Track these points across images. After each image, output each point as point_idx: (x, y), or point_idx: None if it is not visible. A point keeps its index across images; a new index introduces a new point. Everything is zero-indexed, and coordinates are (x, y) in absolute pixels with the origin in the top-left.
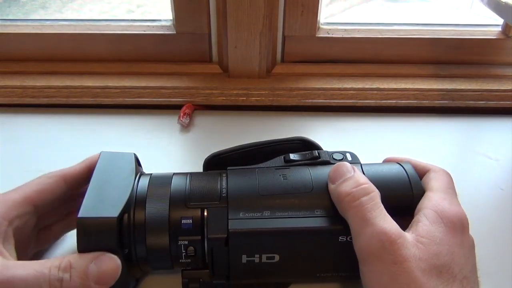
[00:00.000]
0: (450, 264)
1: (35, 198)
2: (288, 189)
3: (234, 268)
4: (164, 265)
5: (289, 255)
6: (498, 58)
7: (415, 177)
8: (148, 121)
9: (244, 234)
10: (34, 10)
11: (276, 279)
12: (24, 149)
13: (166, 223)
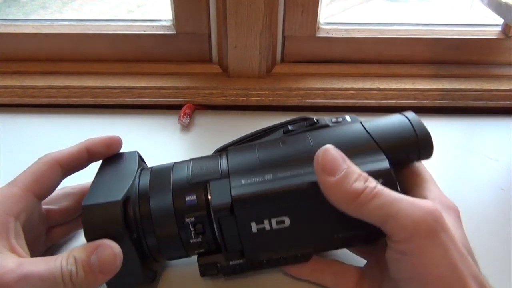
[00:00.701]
0: (466, 246)
1: (35, 188)
2: (287, 152)
3: (246, 240)
4: (177, 252)
5: (299, 216)
6: (498, 58)
7: (418, 121)
8: (148, 121)
9: (248, 198)
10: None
11: (292, 249)
12: (24, 149)
13: (171, 205)
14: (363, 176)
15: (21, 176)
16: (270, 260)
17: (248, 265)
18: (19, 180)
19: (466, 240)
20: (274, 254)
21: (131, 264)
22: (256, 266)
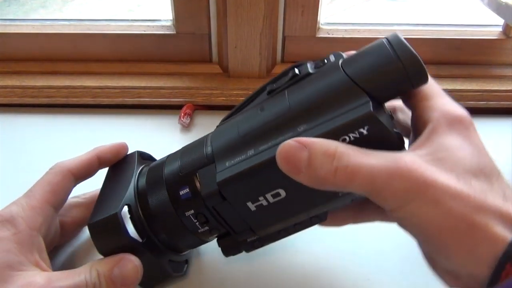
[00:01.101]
0: (479, 164)
1: (52, 199)
2: (266, 119)
3: (248, 219)
4: (192, 241)
5: (293, 184)
6: (499, 59)
7: (400, 44)
8: (148, 121)
9: (234, 181)
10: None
11: (302, 215)
12: (24, 149)
13: (168, 201)
14: (329, 153)
15: (37, 187)
16: (285, 229)
17: (266, 238)
18: (36, 192)
19: (477, 158)
20: (285, 223)
21: (152, 266)
22: (274, 238)
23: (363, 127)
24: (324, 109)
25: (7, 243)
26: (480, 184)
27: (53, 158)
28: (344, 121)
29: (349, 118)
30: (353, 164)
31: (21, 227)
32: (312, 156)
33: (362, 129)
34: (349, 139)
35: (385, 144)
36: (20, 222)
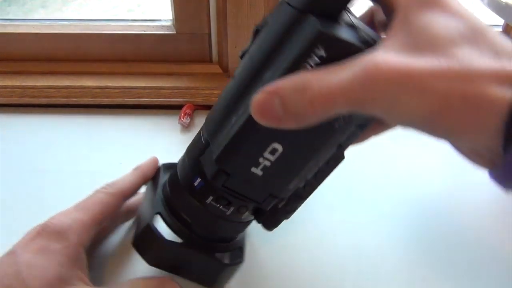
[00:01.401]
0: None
1: (101, 219)
2: (237, 83)
3: (263, 185)
4: (228, 227)
5: (284, 134)
6: None
7: None
8: (148, 121)
9: (226, 152)
10: (34, 9)
11: (312, 160)
12: (24, 149)
13: (191, 199)
14: (298, 88)
15: (89, 203)
16: (307, 182)
17: (294, 198)
18: (88, 209)
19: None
20: (300, 176)
21: (201, 262)
22: (301, 195)
23: (318, 48)
24: (280, 48)
25: (59, 256)
26: (463, 51)
27: (53, 158)
28: (299, 49)
29: (302, 45)
30: (325, 88)
31: (71, 241)
32: (284, 99)
33: (318, 50)
34: (310, 66)
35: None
36: (71, 236)
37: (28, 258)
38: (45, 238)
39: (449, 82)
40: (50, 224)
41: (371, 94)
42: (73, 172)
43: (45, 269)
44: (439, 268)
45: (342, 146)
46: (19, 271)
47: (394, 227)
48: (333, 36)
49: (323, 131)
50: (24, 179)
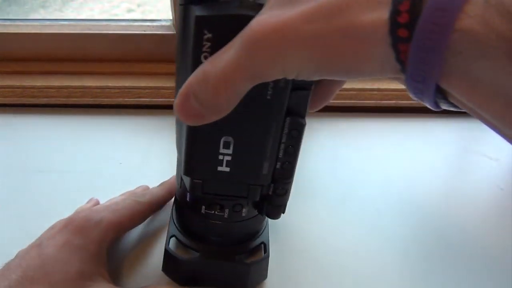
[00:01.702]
0: None
1: (127, 225)
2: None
3: (238, 179)
4: (236, 229)
5: (230, 124)
6: None
7: None
8: (148, 121)
9: (187, 162)
10: (34, 9)
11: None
12: (24, 149)
13: (191, 214)
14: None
15: (120, 206)
16: (283, 162)
17: (278, 182)
18: (118, 211)
19: None
20: (270, 159)
21: (225, 268)
22: (284, 175)
23: (204, 33)
24: (185, 47)
25: (82, 252)
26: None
27: (53, 158)
28: (191, 42)
29: (192, 36)
30: (220, 71)
31: (95, 238)
32: (197, 96)
33: (205, 35)
34: (208, 54)
35: None
36: (96, 232)
37: (52, 252)
38: (70, 232)
39: (322, 22)
40: (77, 219)
41: (259, 62)
42: (73, 172)
43: (68, 264)
44: (439, 268)
45: (294, 113)
46: (43, 264)
47: (394, 227)
48: (210, 15)
49: (258, 107)
50: (24, 179)
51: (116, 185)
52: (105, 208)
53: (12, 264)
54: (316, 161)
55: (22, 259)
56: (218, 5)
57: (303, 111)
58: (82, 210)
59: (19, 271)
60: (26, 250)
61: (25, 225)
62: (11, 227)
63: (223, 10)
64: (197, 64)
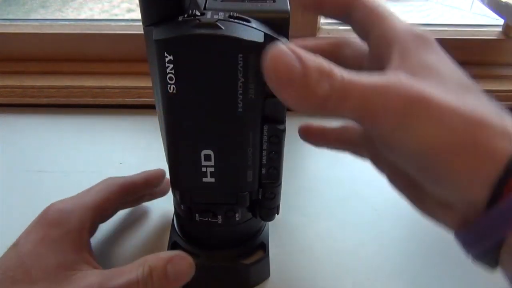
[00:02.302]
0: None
1: (103, 207)
2: (156, 104)
3: (222, 188)
4: (237, 232)
5: (208, 137)
6: (499, 59)
7: None
8: (148, 121)
9: (173, 175)
10: (34, 9)
11: (246, 147)
12: (24, 149)
13: (188, 222)
14: (324, 71)
15: (92, 191)
16: (268, 168)
17: (266, 186)
18: (91, 194)
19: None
20: (253, 164)
21: (227, 271)
22: (272, 178)
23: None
24: (154, 66)
25: (61, 243)
26: (472, 99)
27: (53, 158)
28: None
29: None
30: (347, 83)
31: (73, 226)
32: (307, 72)
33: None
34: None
35: None
36: (72, 220)
37: (29, 249)
38: (45, 226)
39: (465, 121)
40: (49, 211)
41: (389, 106)
42: (73, 172)
43: (47, 257)
44: (439, 268)
45: (272, 120)
46: (22, 262)
47: (394, 228)
48: (168, 38)
49: (231, 120)
50: (24, 179)
51: None
52: (77, 196)
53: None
54: (316, 161)
55: (2, 262)
56: (176, 25)
57: (281, 117)
58: (52, 205)
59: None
60: (5, 252)
61: (25, 225)
62: (11, 227)
63: (181, 31)
64: (165, 84)
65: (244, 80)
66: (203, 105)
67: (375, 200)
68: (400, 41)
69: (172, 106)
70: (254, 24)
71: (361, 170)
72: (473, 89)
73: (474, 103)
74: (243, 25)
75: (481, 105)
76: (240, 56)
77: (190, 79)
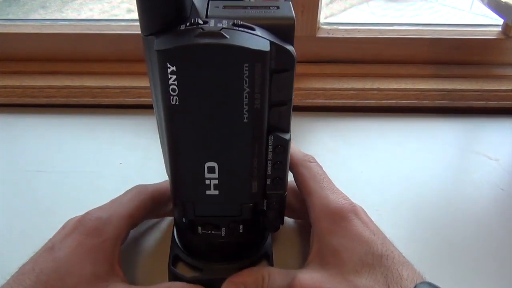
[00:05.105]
0: (361, 258)
1: (135, 216)
2: (156, 115)
3: (226, 200)
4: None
5: (211, 149)
6: (498, 58)
7: None
8: (148, 121)
9: (175, 187)
10: (34, 9)
11: (253, 159)
12: (24, 149)
13: (191, 235)
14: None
15: (126, 199)
16: (273, 178)
17: (272, 196)
18: (125, 203)
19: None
20: (258, 175)
21: None
22: (276, 189)
23: (167, 67)
24: (154, 76)
25: (96, 253)
26: (362, 280)
27: (53, 158)
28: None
29: (156, 66)
30: None
31: (108, 236)
32: None
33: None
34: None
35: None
36: (109, 229)
37: (65, 255)
38: (82, 233)
39: None
40: (88, 219)
41: None
42: (73, 172)
43: (82, 266)
44: (439, 268)
45: (277, 129)
46: (57, 267)
47: (394, 227)
48: (170, 48)
49: (237, 131)
50: (24, 179)
51: (116, 185)
52: (112, 204)
53: (25, 268)
54: None
55: (35, 263)
56: (179, 35)
57: (286, 126)
58: (89, 212)
59: (32, 276)
60: (38, 253)
61: (25, 225)
62: (11, 227)
63: (184, 41)
64: (168, 96)
65: (249, 90)
66: (207, 116)
67: (375, 200)
68: (317, 223)
69: (174, 118)
70: (259, 32)
71: (361, 170)
72: (371, 261)
73: (366, 284)
74: (248, 33)
75: (372, 285)
76: (246, 65)
77: (193, 90)
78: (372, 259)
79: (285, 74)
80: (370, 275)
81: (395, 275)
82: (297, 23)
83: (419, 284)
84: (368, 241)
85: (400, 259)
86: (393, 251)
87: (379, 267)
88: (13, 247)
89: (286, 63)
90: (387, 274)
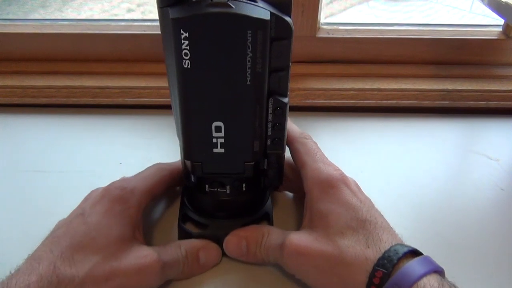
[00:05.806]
0: (346, 222)
1: (155, 190)
2: (169, 83)
3: (231, 158)
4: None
5: (218, 109)
6: (499, 59)
7: None
8: (148, 121)
9: (185, 147)
10: (34, 9)
11: (255, 119)
12: (24, 149)
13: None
14: (258, 243)
15: (147, 174)
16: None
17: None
18: (146, 178)
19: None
20: (259, 134)
21: None
22: (276, 149)
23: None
24: (169, 45)
25: (122, 218)
26: (345, 241)
27: (53, 158)
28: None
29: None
30: (268, 245)
31: (132, 204)
32: (248, 243)
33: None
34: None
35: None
36: (133, 199)
37: (96, 219)
38: (110, 200)
39: (330, 263)
40: (114, 188)
41: (286, 259)
42: (73, 172)
43: (111, 229)
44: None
45: (276, 93)
46: (89, 230)
47: (394, 227)
48: (184, 17)
49: (241, 92)
50: (24, 179)
51: None
52: (135, 178)
53: (59, 232)
54: None
55: (69, 227)
56: (191, 5)
57: (284, 90)
58: (114, 182)
59: (68, 237)
60: (68, 219)
61: (25, 225)
62: (11, 227)
63: (196, 10)
64: (181, 60)
65: (252, 55)
66: (215, 78)
67: (375, 200)
68: (309, 192)
69: (186, 80)
70: (261, 4)
71: (362, 169)
72: (355, 226)
73: (348, 244)
74: (251, 5)
75: (352, 243)
76: (249, 32)
77: (203, 54)
78: (356, 224)
79: (284, 42)
80: (352, 237)
81: (375, 238)
82: (297, 23)
83: (394, 245)
84: (354, 207)
85: (382, 225)
86: (377, 218)
87: (362, 230)
88: (12, 247)
89: (284, 32)
90: (368, 236)
